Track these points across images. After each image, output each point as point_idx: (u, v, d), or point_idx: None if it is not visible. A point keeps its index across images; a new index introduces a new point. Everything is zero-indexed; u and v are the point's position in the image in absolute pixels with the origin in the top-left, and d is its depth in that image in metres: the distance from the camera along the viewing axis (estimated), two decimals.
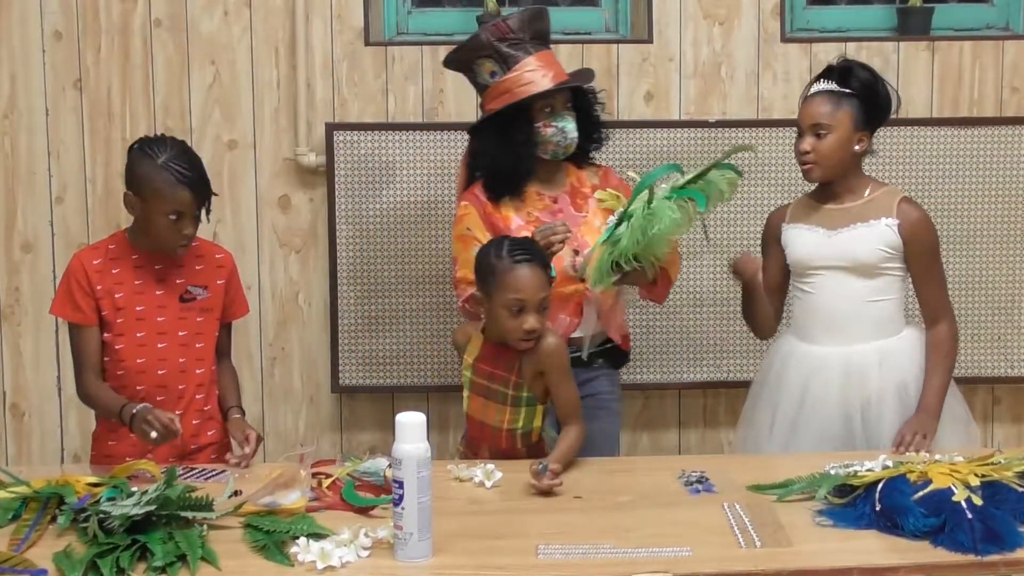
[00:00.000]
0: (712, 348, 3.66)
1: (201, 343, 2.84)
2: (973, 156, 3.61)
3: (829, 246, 2.87)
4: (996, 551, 2.12)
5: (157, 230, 2.74)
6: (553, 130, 2.95)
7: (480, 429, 2.74)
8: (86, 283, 2.78)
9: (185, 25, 3.61)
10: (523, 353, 2.65)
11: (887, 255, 2.85)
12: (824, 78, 2.89)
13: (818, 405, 2.86)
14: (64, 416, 3.74)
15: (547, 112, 2.95)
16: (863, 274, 2.85)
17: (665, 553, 2.13)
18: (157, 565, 2.06)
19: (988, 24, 3.83)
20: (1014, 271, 3.67)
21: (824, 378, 2.87)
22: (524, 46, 2.96)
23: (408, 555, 2.10)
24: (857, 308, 2.86)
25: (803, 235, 2.92)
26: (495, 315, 2.64)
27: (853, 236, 2.85)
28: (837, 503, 2.33)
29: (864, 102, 2.85)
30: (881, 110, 2.88)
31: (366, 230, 3.61)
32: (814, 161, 2.85)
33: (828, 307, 2.88)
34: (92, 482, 2.39)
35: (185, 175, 2.70)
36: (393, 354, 3.65)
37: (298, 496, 2.31)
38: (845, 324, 2.86)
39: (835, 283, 2.87)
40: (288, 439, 3.75)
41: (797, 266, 2.94)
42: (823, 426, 2.85)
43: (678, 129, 3.62)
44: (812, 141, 2.84)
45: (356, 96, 3.64)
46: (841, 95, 2.84)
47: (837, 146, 2.83)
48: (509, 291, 2.60)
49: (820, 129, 2.83)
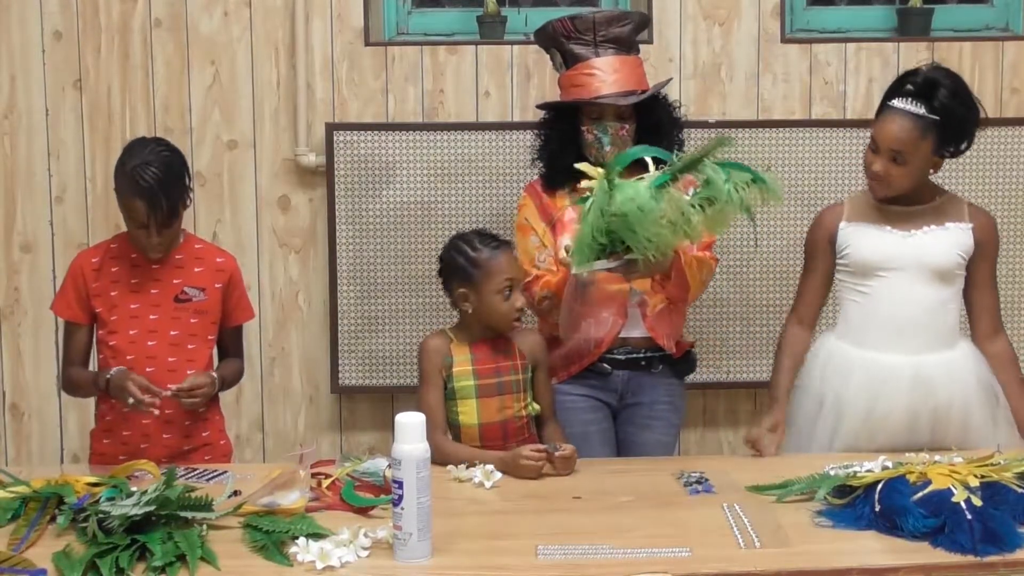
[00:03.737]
0: (711, 349, 3.66)
1: (193, 344, 2.84)
2: (973, 157, 3.59)
3: (903, 247, 2.78)
4: (995, 552, 2.11)
5: (131, 234, 2.78)
6: (592, 138, 2.94)
7: (501, 429, 2.74)
8: (81, 282, 2.82)
9: (185, 25, 3.61)
10: (515, 340, 2.77)
11: (961, 260, 2.79)
12: (910, 96, 2.72)
13: (886, 416, 2.76)
14: (63, 416, 3.74)
15: (594, 118, 2.93)
16: (934, 278, 2.77)
17: (664, 553, 2.13)
18: (156, 565, 2.05)
19: (988, 25, 3.83)
20: (1014, 271, 3.67)
21: (893, 389, 2.76)
22: (592, 47, 2.92)
23: (407, 555, 2.10)
24: (925, 315, 2.77)
25: (871, 234, 2.81)
26: (487, 304, 2.70)
27: (929, 239, 2.77)
28: (836, 504, 2.32)
29: (947, 127, 2.72)
30: (963, 135, 2.76)
31: (366, 230, 3.61)
32: (887, 184, 2.76)
33: (894, 312, 2.77)
34: (91, 482, 2.39)
35: (142, 185, 2.67)
36: (393, 354, 3.64)
37: (297, 496, 2.31)
38: (912, 331, 2.76)
39: (903, 287, 2.77)
40: (287, 439, 3.75)
41: (861, 267, 2.82)
42: (889, 438, 2.75)
43: None
44: (888, 165, 2.73)
45: (356, 96, 3.64)
46: (927, 122, 2.69)
47: (913, 173, 2.74)
48: (498, 275, 2.70)
49: (899, 156, 2.72)
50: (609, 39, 2.94)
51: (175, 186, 2.73)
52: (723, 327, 3.65)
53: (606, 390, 3.00)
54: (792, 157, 3.61)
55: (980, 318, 2.86)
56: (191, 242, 2.90)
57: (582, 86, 2.93)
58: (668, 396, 3.05)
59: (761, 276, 3.62)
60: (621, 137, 2.94)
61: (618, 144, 2.92)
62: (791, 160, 3.61)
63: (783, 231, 3.61)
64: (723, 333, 3.66)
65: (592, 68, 2.92)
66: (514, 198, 3.53)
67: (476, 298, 2.72)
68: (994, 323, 2.86)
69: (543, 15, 3.79)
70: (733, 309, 3.64)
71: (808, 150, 3.60)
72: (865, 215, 2.84)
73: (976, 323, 2.87)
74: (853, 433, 2.79)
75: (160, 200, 2.69)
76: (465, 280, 2.72)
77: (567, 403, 2.97)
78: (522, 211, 3.04)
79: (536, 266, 2.96)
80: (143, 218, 2.70)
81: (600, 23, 2.93)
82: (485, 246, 2.74)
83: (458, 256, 2.75)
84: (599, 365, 2.97)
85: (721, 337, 3.66)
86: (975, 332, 2.87)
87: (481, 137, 3.58)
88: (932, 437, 2.76)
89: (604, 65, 2.92)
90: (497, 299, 2.70)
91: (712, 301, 3.63)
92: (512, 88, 3.63)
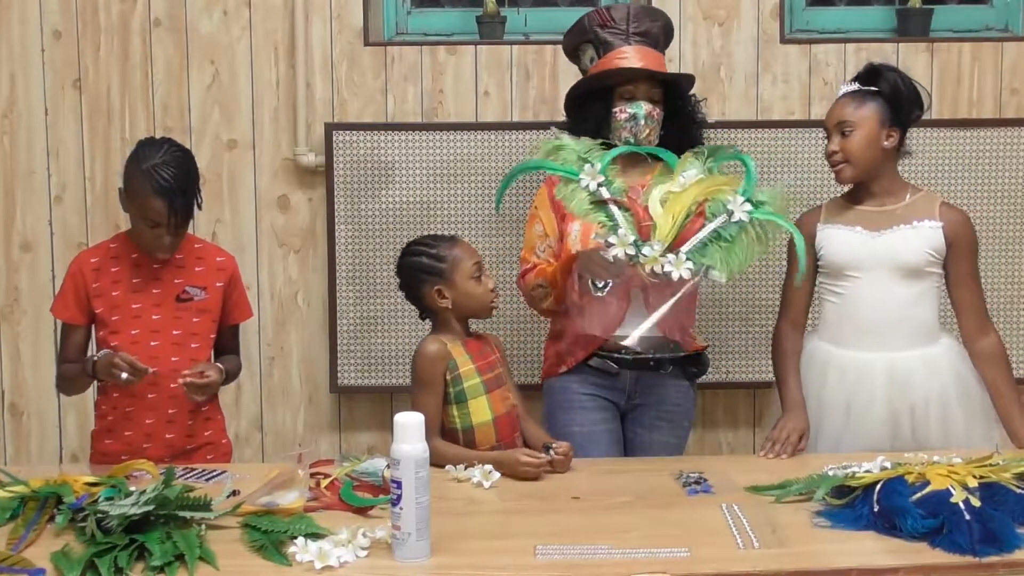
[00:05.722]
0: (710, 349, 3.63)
1: (196, 343, 2.84)
2: (972, 157, 3.61)
3: (872, 247, 2.82)
4: (994, 552, 2.11)
5: (138, 233, 2.77)
6: (626, 116, 2.94)
7: (508, 423, 2.75)
8: (81, 283, 2.82)
9: (184, 25, 3.61)
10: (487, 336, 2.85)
11: (932, 258, 2.81)
12: (849, 83, 2.89)
13: (865, 413, 2.81)
14: (63, 416, 3.74)
15: (626, 97, 2.95)
16: (906, 277, 2.81)
17: (663, 554, 2.13)
18: (155, 565, 2.05)
19: (987, 25, 3.83)
20: (1014, 272, 3.67)
21: (870, 385, 2.81)
22: (624, 36, 2.98)
23: (406, 555, 2.10)
24: (898, 313, 2.81)
25: (842, 235, 2.86)
26: (463, 292, 2.74)
27: (897, 238, 2.81)
28: (835, 504, 2.32)
29: (889, 98, 2.82)
30: (909, 104, 2.85)
31: (365, 230, 3.61)
32: (843, 160, 2.82)
33: (868, 311, 2.82)
34: (90, 482, 2.39)
35: (162, 185, 2.67)
36: (392, 354, 3.64)
37: (296, 496, 2.31)
38: (887, 329, 2.81)
39: (876, 286, 2.82)
40: (286, 439, 3.75)
41: (834, 268, 2.87)
42: (870, 433, 2.79)
43: None
44: (839, 140, 2.82)
45: (355, 96, 3.64)
46: (865, 93, 2.83)
47: (865, 143, 2.81)
48: (466, 260, 2.75)
49: (845, 127, 2.81)
50: (640, 32, 2.99)
51: (192, 186, 2.74)
52: (723, 327, 3.65)
53: (614, 389, 2.99)
54: (792, 157, 3.61)
55: (964, 316, 2.88)
56: (190, 241, 2.89)
57: (619, 60, 2.97)
58: (677, 398, 3.03)
59: (761, 276, 3.62)
60: (654, 117, 2.96)
61: (651, 124, 2.95)
62: (791, 160, 3.61)
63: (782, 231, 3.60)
64: (723, 333, 3.65)
65: (624, 53, 2.97)
66: (513, 198, 3.53)
67: (452, 291, 2.73)
68: (979, 320, 2.87)
69: (543, 15, 3.81)
70: (733, 309, 3.64)
71: (808, 150, 3.60)
72: (839, 217, 2.89)
73: (962, 321, 2.89)
74: (836, 432, 2.83)
75: (179, 200, 2.69)
76: (436, 276, 2.74)
77: (575, 402, 2.97)
78: (536, 199, 3.07)
79: (536, 254, 2.99)
80: (161, 218, 2.70)
81: (635, 15, 2.99)
82: (439, 242, 2.79)
83: (420, 258, 2.77)
84: (606, 363, 2.96)
85: (721, 337, 3.65)
86: (962, 330, 2.90)
87: (480, 137, 3.58)
88: (914, 435, 2.78)
89: (635, 51, 2.98)
90: (472, 284, 2.74)
91: (712, 301, 3.63)
92: (511, 88, 3.63)
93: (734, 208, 2.69)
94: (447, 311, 2.75)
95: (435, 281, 2.74)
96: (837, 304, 2.88)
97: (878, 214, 2.85)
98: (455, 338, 2.75)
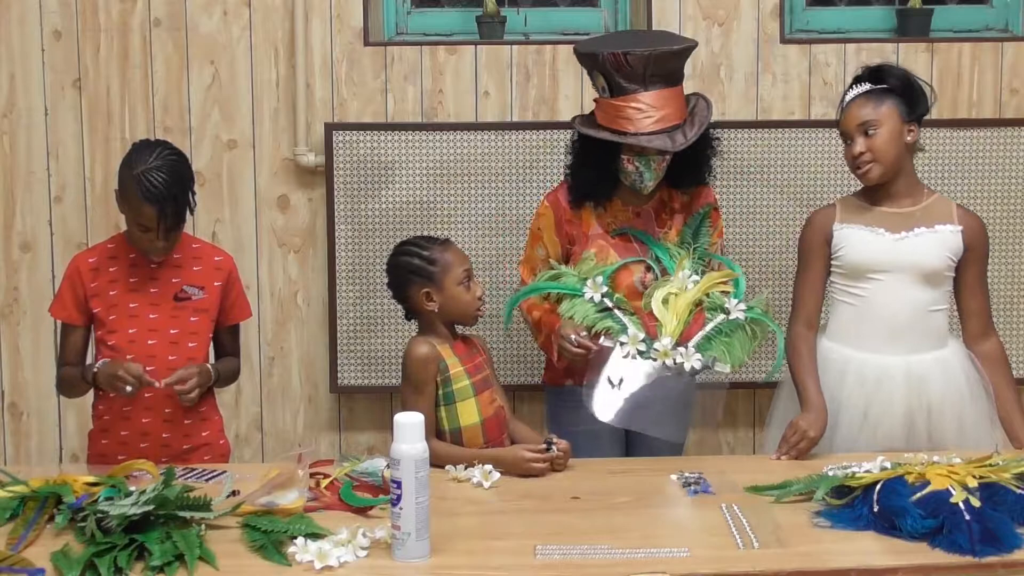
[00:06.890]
0: None
1: (194, 343, 2.84)
2: (972, 158, 3.61)
3: (895, 250, 2.79)
4: (994, 552, 2.11)
5: (131, 235, 2.78)
6: (632, 169, 2.92)
7: (497, 424, 2.75)
8: (79, 283, 2.82)
9: (184, 25, 3.61)
10: (473, 338, 2.85)
11: (951, 262, 2.81)
12: (857, 83, 2.85)
13: (884, 416, 2.79)
14: (62, 416, 3.74)
15: (636, 152, 2.90)
16: (924, 281, 2.79)
17: (663, 554, 2.13)
18: (155, 565, 2.05)
19: (987, 25, 3.83)
20: (1014, 272, 3.67)
21: (889, 388, 2.79)
22: (642, 80, 2.85)
23: (406, 555, 2.10)
24: (917, 317, 2.79)
25: (863, 236, 2.83)
26: (451, 297, 2.73)
27: (920, 241, 2.79)
28: (835, 504, 2.32)
29: (903, 93, 2.81)
30: (922, 98, 2.84)
31: (365, 230, 3.61)
32: (871, 160, 2.78)
33: (888, 314, 2.79)
34: (90, 482, 2.39)
35: (151, 191, 2.66)
36: (392, 354, 3.64)
37: (296, 496, 2.30)
38: (905, 333, 2.79)
39: (897, 289, 2.79)
40: (286, 439, 3.75)
41: (854, 269, 2.83)
42: (887, 436, 2.77)
43: None
44: (864, 141, 2.78)
45: (355, 96, 3.64)
46: (881, 91, 2.81)
47: (890, 139, 2.78)
48: (456, 266, 2.74)
49: (869, 127, 2.78)
50: (659, 74, 2.87)
51: (183, 191, 2.73)
52: None
53: None
54: (791, 157, 3.61)
55: (970, 320, 2.88)
56: (188, 241, 2.89)
57: (629, 120, 2.86)
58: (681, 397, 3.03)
59: (760, 276, 3.62)
60: (661, 168, 2.94)
61: (657, 176, 2.93)
62: (790, 160, 3.61)
63: (782, 231, 3.61)
64: None
65: (639, 103, 2.85)
66: (513, 198, 3.54)
67: (439, 295, 2.73)
68: (984, 325, 2.88)
69: (543, 15, 3.80)
70: None
71: (807, 150, 3.61)
72: (857, 217, 2.85)
73: (966, 325, 2.89)
74: (851, 434, 2.80)
75: (169, 205, 2.69)
76: (425, 279, 2.73)
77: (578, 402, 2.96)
78: (539, 219, 3.04)
79: (535, 276, 3.01)
80: (151, 223, 2.70)
81: (654, 61, 2.85)
82: (433, 244, 2.78)
83: (412, 259, 2.76)
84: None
85: None
86: (965, 334, 2.89)
87: (480, 137, 3.58)
88: (930, 436, 2.77)
89: (651, 100, 2.86)
90: (460, 290, 2.73)
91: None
92: (511, 88, 3.63)
93: (731, 308, 2.82)
94: (433, 314, 2.75)
95: (424, 283, 2.73)
96: (855, 306, 2.84)
97: (898, 215, 2.82)
98: (443, 340, 2.75)
